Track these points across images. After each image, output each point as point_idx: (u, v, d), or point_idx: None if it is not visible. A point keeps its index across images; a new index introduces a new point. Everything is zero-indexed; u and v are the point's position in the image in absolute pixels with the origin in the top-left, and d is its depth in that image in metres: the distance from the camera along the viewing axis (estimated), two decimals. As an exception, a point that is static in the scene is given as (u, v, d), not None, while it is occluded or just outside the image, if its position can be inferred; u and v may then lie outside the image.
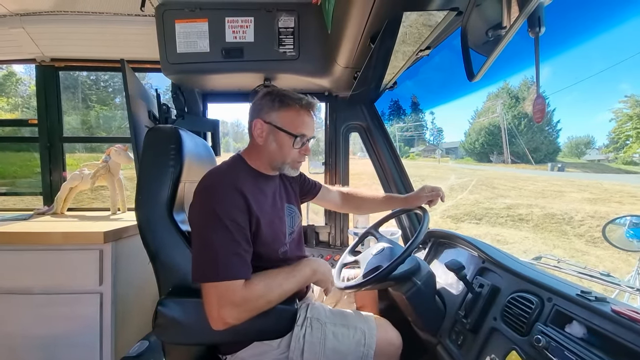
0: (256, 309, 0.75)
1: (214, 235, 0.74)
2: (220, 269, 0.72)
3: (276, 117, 0.85)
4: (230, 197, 0.78)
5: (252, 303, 0.75)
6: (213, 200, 0.77)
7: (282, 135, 0.85)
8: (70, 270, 1.18)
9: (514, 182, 12.99)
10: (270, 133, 0.86)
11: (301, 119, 0.86)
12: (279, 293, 0.79)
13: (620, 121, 17.07)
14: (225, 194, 0.78)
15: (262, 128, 0.86)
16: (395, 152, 1.62)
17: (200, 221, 0.77)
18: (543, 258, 1.12)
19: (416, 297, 0.95)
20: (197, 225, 0.78)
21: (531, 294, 0.73)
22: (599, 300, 0.60)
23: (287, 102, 0.85)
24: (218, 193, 0.78)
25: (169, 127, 0.98)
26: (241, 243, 0.76)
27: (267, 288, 0.77)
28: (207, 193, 0.79)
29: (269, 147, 0.87)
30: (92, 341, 1.17)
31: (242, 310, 0.73)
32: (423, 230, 0.91)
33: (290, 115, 0.85)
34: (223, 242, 0.74)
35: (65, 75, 3.45)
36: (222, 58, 1.28)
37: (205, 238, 0.75)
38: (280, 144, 0.86)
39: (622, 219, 1.80)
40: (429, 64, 1.39)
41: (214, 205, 0.76)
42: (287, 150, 0.87)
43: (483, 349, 0.77)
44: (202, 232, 0.76)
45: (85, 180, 1.62)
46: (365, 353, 0.87)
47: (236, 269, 0.74)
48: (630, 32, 76.94)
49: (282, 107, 0.85)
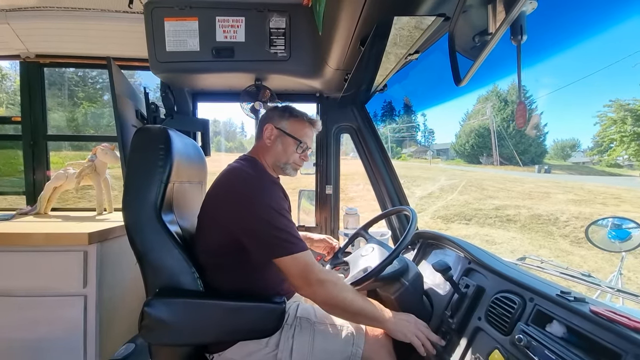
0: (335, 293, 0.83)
1: (275, 220, 0.83)
2: (295, 244, 0.82)
3: (286, 125, 1.03)
4: (272, 188, 0.90)
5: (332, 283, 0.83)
6: (259, 193, 0.86)
7: (288, 139, 1.02)
8: (53, 272, 1.15)
9: (502, 184, 13.25)
10: (278, 137, 1.02)
11: (305, 130, 1.04)
12: (351, 298, 0.84)
13: (604, 125, 17.59)
14: (268, 186, 0.90)
15: (272, 132, 1.01)
16: (386, 154, 1.63)
17: (252, 213, 0.83)
18: (527, 259, 1.15)
19: (404, 297, 0.97)
20: (251, 217, 0.83)
21: (514, 294, 0.75)
22: (577, 300, 0.62)
23: (295, 114, 1.05)
24: (261, 185, 0.88)
25: (157, 127, 0.97)
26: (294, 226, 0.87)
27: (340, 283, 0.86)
28: (248, 189, 0.86)
29: (276, 148, 1.02)
30: (75, 345, 1.14)
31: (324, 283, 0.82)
32: (410, 232, 0.93)
33: (297, 125, 1.03)
34: (285, 223, 0.84)
35: (51, 71, 3.36)
36: (213, 57, 1.26)
37: (267, 223, 0.82)
38: (286, 146, 1.01)
39: (605, 220, 1.86)
40: (419, 67, 1.41)
41: (263, 197, 0.85)
42: (291, 153, 1.02)
43: (468, 349, 0.79)
44: (261, 221, 0.82)
45: (70, 180, 1.59)
46: (354, 352, 0.88)
47: (303, 243, 0.84)
48: (617, 38, 79.47)
49: (292, 117, 1.04)
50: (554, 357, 0.57)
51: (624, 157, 20.47)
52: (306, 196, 1.86)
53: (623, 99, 16.70)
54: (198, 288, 0.86)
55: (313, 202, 1.77)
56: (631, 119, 15.57)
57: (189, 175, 1.10)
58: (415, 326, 0.89)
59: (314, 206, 1.76)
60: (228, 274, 0.89)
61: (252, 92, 1.44)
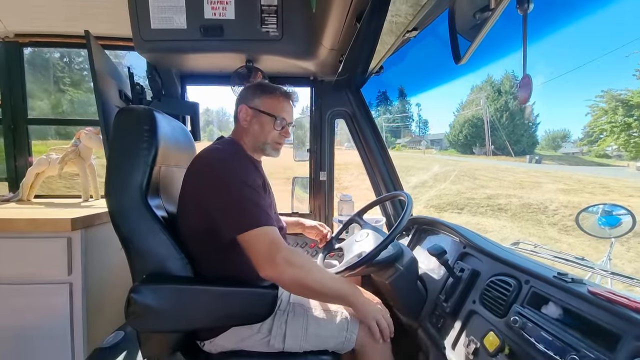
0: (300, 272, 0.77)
1: (244, 194, 0.79)
2: (262, 218, 0.77)
3: (259, 103, 0.96)
4: (246, 165, 0.87)
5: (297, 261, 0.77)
6: (232, 169, 0.81)
7: (264, 117, 0.95)
8: (37, 260, 1.10)
9: (494, 173, 13.41)
10: (254, 117, 0.96)
11: (281, 105, 0.97)
12: (320, 277, 0.80)
13: (595, 115, 17.75)
14: (242, 163, 0.86)
15: (247, 112, 0.96)
16: (381, 140, 1.60)
17: (223, 188, 0.79)
18: (521, 243, 1.15)
19: (399, 282, 0.96)
20: (222, 192, 0.79)
21: (509, 276, 0.74)
22: (575, 282, 0.61)
23: (268, 90, 0.98)
24: (234, 162, 0.84)
25: (141, 107, 0.92)
26: (266, 204, 0.83)
27: (308, 262, 0.81)
28: (222, 166, 0.82)
29: (253, 129, 0.96)
30: (62, 333, 1.11)
31: (293, 259, 0.76)
32: (406, 216, 0.91)
33: (271, 101, 0.96)
34: (255, 198, 0.79)
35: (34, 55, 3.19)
36: (201, 36, 1.20)
37: (236, 197, 0.78)
38: (263, 125, 0.95)
39: (595, 207, 1.87)
40: (416, 49, 1.37)
41: (235, 173, 0.81)
42: (269, 131, 0.95)
43: (462, 332, 0.78)
44: (230, 195, 0.78)
45: (53, 166, 1.52)
46: (347, 338, 0.87)
47: (271, 217, 0.79)
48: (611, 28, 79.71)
49: (264, 94, 0.97)
50: (550, 337, 0.57)
51: (613, 148, 20.85)
52: (300, 184, 1.83)
53: (615, 90, 16.86)
54: (187, 274, 0.83)
55: (307, 190, 1.74)
56: (622, 110, 15.75)
57: (177, 159, 1.05)
58: (380, 311, 0.88)
59: (307, 194, 1.74)
60: (216, 258, 0.86)
61: (243, 74, 1.39)
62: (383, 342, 0.87)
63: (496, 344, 0.64)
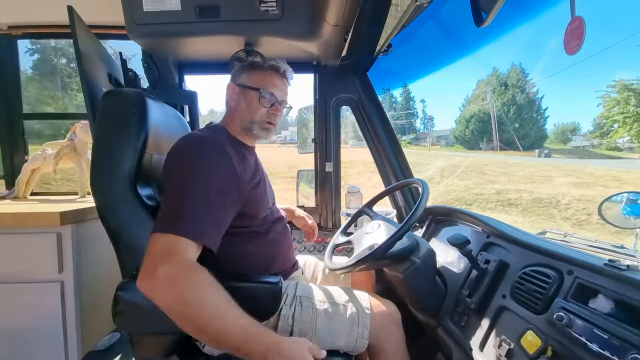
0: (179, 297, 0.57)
1: (191, 190, 0.66)
2: (183, 226, 0.61)
3: (245, 79, 0.88)
4: (216, 156, 0.73)
5: (186, 285, 0.57)
6: (197, 156, 0.71)
7: (249, 93, 0.86)
8: (25, 257, 1.04)
9: (503, 168, 13.15)
10: (240, 94, 0.88)
11: (269, 79, 0.88)
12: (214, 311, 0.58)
13: (607, 106, 17.28)
14: (211, 152, 0.73)
15: (234, 90, 0.88)
16: (390, 127, 1.51)
17: (178, 178, 0.68)
18: (548, 233, 1.05)
19: (414, 276, 0.87)
20: (175, 183, 0.68)
21: (547, 267, 0.64)
22: (631, 269, 0.52)
23: (255, 65, 0.90)
24: (204, 150, 0.72)
25: (130, 89, 0.85)
26: (217, 206, 0.68)
27: (210, 294, 0.59)
28: (190, 151, 0.72)
29: (239, 107, 0.87)
30: (55, 334, 1.05)
31: (181, 280, 0.57)
32: (422, 203, 0.82)
33: (257, 75, 0.88)
34: (199, 204, 0.65)
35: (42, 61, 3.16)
36: (196, 18, 1.12)
37: (179, 192, 0.66)
38: (249, 101, 0.86)
39: (619, 195, 1.74)
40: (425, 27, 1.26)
41: (198, 161, 0.70)
42: (255, 107, 0.86)
43: (491, 330, 0.69)
44: (179, 188, 0.67)
45: (49, 161, 1.47)
46: (360, 333, 0.79)
47: (200, 229, 0.63)
48: (616, 20, 77.80)
49: (251, 69, 0.89)
50: (606, 335, 0.47)
51: (625, 140, 20.33)
52: (305, 177, 1.75)
53: (627, 80, 16.41)
54: (182, 269, 0.76)
55: (312, 184, 1.66)
56: (635, 100, 15.32)
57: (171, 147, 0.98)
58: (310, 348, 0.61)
59: (313, 189, 1.65)
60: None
61: (242, 59, 1.31)
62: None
63: (537, 345, 0.55)
